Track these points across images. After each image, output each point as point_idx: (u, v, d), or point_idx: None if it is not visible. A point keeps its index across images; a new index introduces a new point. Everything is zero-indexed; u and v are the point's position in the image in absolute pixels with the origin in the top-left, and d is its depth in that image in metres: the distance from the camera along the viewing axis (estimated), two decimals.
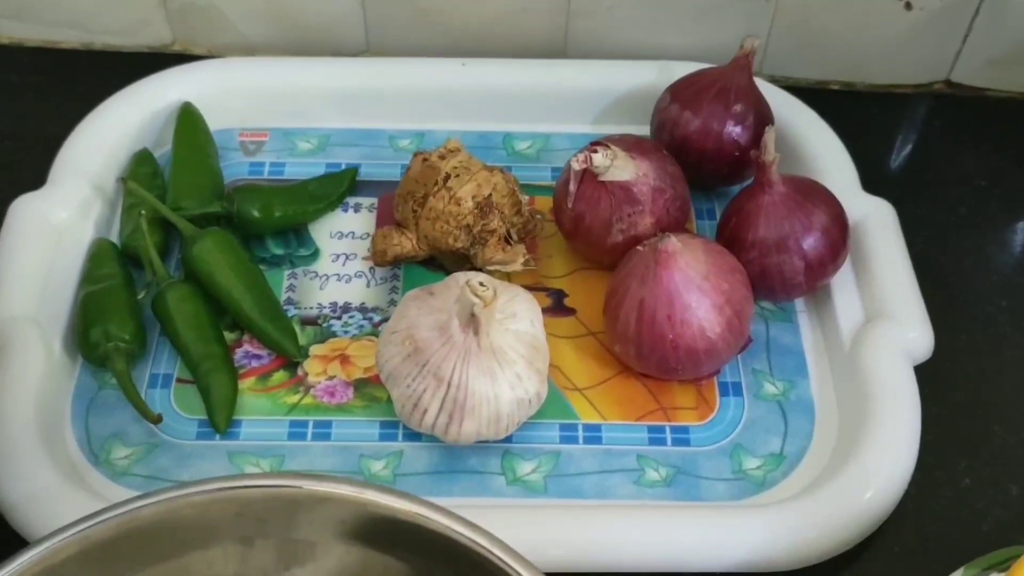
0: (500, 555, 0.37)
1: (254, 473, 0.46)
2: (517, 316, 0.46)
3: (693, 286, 0.46)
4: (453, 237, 0.51)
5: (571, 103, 0.60)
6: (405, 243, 0.52)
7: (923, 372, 0.49)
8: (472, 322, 0.43)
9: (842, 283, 0.52)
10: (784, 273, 0.50)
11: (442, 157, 0.52)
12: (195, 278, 0.51)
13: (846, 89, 0.65)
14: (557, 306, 0.53)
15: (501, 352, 0.44)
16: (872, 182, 0.56)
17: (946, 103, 0.64)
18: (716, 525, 0.44)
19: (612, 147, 0.50)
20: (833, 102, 0.63)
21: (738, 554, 0.43)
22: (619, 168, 0.50)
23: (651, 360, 0.48)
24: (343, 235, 0.55)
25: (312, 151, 0.59)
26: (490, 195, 0.51)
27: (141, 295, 0.51)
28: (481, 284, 0.42)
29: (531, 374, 0.45)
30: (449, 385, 0.44)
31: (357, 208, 0.57)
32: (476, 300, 0.42)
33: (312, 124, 0.60)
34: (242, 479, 0.39)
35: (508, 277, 0.52)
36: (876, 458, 0.45)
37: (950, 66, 0.64)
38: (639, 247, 0.48)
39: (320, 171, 0.58)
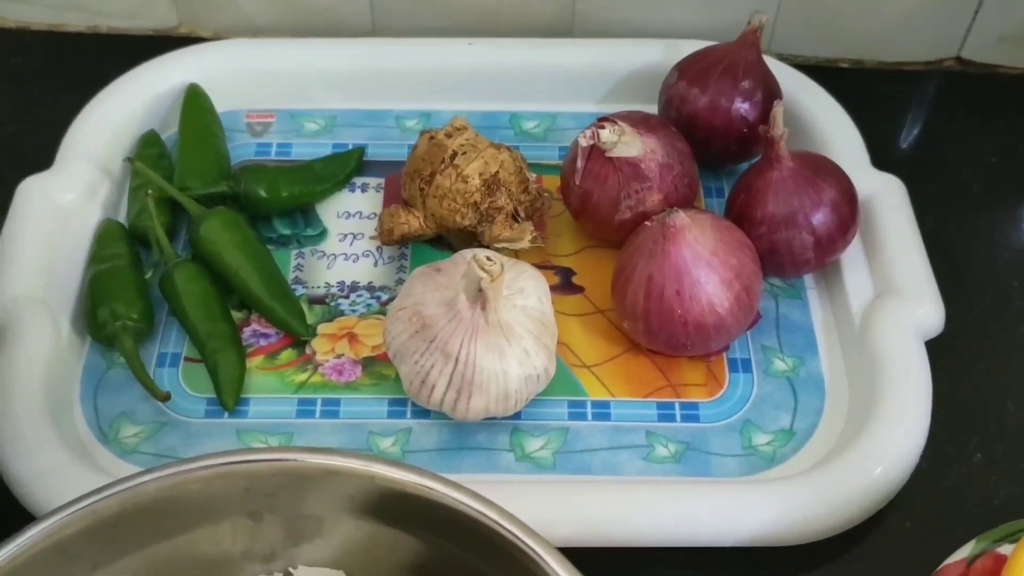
0: (509, 527, 0.37)
1: (259, 447, 0.46)
2: (524, 292, 0.45)
3: (702, 261, 0.46)
4: (460, 215, 0.51)
5: (578, 82, 0.60)
6: (412, 221, 0.52)
7: (935, 348, 0.49)
8: (479, 297, 0.43)
9: (852, 259, 0.52)
10: (793, 249, 0.49)
11: (449, 135, 0.52)
12: (202, 258, 0.50)
13: (855, 67, 0.64)
14: (565, 284, 0.53)
15: (509, 328, 0.44)
16: (883, 160, 0.56)
17: (957, 80, 0.64)
18: (726, 500, 0.44)
19: (619, 123, 0.49)
20: (842, 80, 0.62)
21: (748, 529, 0.43)
22: (626, 144, 0.49)
23: (660, 336, 0.47)
24: (350, 215, 0.55)
25: (319, 132, 0.59)
26: (497, 172, 0.51)
27: (148, 275, 0.51)
28: (488, 259, 0.42)
29: (539, 350, 0.45)
30: (457, 361, 0.44)
31: (364, 188, 0.56)
32: (483, 275, 0.42)
33: (319, 105, 0.60)
34: (247, 453, 0.39)
35: (516, 255, 0.51)
36: (886, 434, 0.45)
37: (960, 43, 0.63)
38: (647, 223, 0.48)
39: (327, 152, 0.57)
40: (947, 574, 0.38)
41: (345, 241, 0.54)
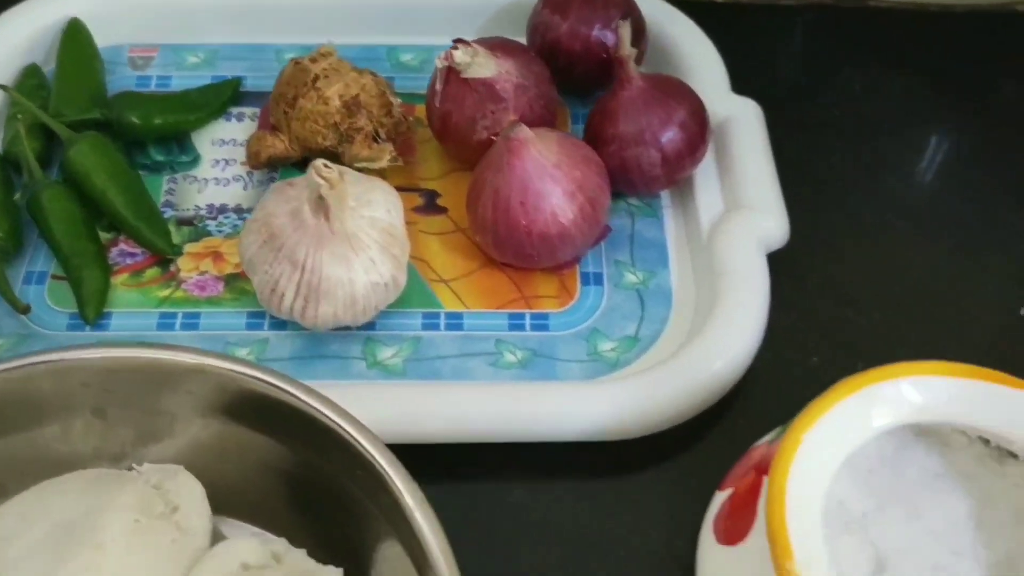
0: (333, 416, 0.39)
1: (95, 343, 0.47)
2: (372, 204, 0.47)
3: (545, 174, 0.48)
4: (322, 136, 0.52)
5: (454, 15, 0.61)
6: (278, 144, 0.53)
7: (785, 261, 0.51)
8: (321, 206, 0.45)
9: (705, 178, 0.54)
10: (642, 165, 0.51)
11: (313, 60, 0.53)
12: (72, 180, 0.52)
13: (730, 2, 0.66)
14: (429, 205, 0.54)
15: (355, 237, 0.46)
16: (753, 90, 0.57)
17: (828, 15, 0.66)
18: (567, 397, 0.45)
19: (473, 44, 0.51)
20: (719, 15, 0.64)
21: (587, 424, 0.45)
22: (480, 65, 0.51)
23: (508, 247, 0.49)
24: (224, 142, 0.57)
25: (199, 65, 0.60)
26: (357, 95, 0.52)
27: (17, 196, 0.52)
28: (325, 166, 0.44)
29: (385, 259, 0.47)
30: (303, 269, 0.46)
31: (240, 117, 0.58)
32: (321, 182, 0.44)
33: (201, 39, 0.61)
34: (83, 350, 0.40)
35: (383, 176, 0.53)
36: (723, 332, 0.47)
37: None
38: (495, 138, 0.49)
39: (206, 84, 0.59)
40: (755, 453, 0.40)
41: (217, 167, 0.55)
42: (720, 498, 0.39)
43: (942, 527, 0.38)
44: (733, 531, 0.37)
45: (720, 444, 0.47)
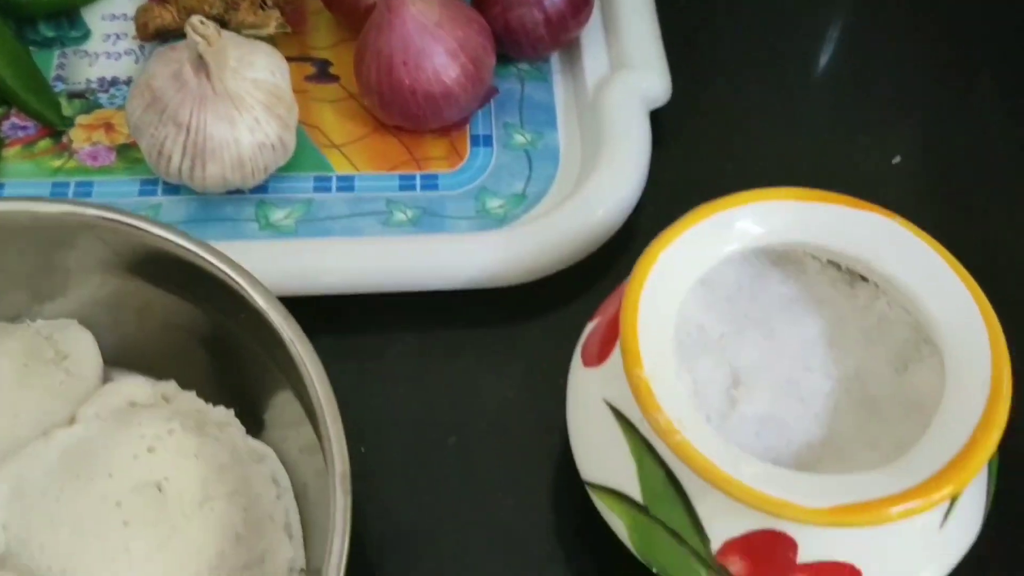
0: (224, 268, 0.40)
1: None
2: (255, 66, 0.48)
3: (426, 33, 0.49)
4: (208, 4, 0.52)
5: None
6: (165, 15, 0.53)
7: (671, 121, 0.53)
8: (202, 65, 0.45)
9: (592, 41, 0.55)
10: (526, 26, 0.52)
11: None
12: None
13: None
14: (322, 74, 0.55)
15: (238, 98, 0.47)
16: None
17: None
18: (455, 247, 0.47)
19: None
20: None
21: (474, 272, 0.47)
22: None
23: (395, 108, 0.50)
24: (115, 17, 0.56)
25: None
26: None
27: None
28: (201, 22, 0.44)
29: (271, 119, 0.47)
30: (188, 130, 0.46)
31: None
32: (198, 39, 0.44)
33: None
34: None
35: (273, 43, 0.53)
36: (605, 181, 0.49)
37: None
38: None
39: None
40: (624, 286, 0.42)
41: (108, 41, 0.55)
42: (589, 327, 0.41)
43: (795, 346, 0.40)
44: (597, 353, 0.39)
45: (603, 289, 0.48)
